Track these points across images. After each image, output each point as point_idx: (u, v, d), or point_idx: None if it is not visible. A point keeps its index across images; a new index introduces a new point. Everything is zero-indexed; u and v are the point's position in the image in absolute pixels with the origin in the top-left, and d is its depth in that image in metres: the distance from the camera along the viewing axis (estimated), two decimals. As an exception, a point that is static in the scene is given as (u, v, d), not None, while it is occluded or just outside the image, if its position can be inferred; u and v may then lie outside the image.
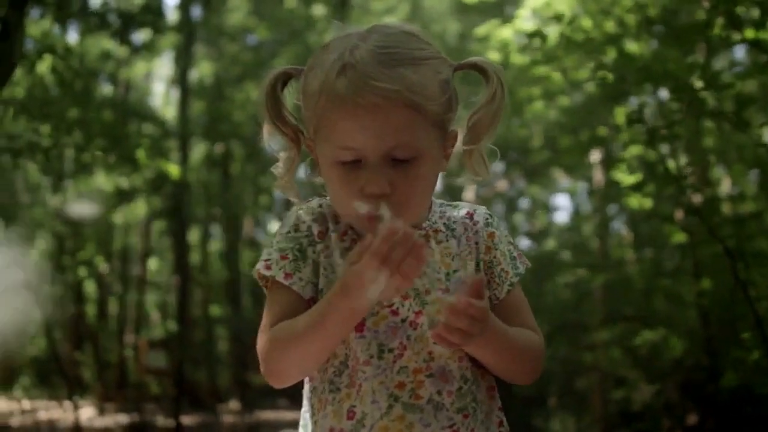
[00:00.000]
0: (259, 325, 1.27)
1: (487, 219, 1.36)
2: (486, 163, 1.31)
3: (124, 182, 12.37)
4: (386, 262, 1.07)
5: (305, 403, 1.31)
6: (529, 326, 1.33)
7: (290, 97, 1.32)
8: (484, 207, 1.39)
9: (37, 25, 8.57)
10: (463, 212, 1.36)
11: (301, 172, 1.38)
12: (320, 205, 1.31)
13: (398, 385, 1.23)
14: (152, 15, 10.44)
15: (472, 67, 1.29)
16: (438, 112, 1.21)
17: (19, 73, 6.87)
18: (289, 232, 1.29)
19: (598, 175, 10.05)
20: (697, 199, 4.41)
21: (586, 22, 4.95)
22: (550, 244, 14.69)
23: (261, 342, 1.24)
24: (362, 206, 1.17)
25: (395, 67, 1.16)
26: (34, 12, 8.08)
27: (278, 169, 1.33)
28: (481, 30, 6.11)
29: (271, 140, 1.32)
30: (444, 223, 1.33)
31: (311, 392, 1.29)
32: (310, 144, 1.30)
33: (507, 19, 6.01)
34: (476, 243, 1.33)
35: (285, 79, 1.31)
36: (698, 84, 3.64)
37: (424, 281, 1.15)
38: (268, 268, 1.27)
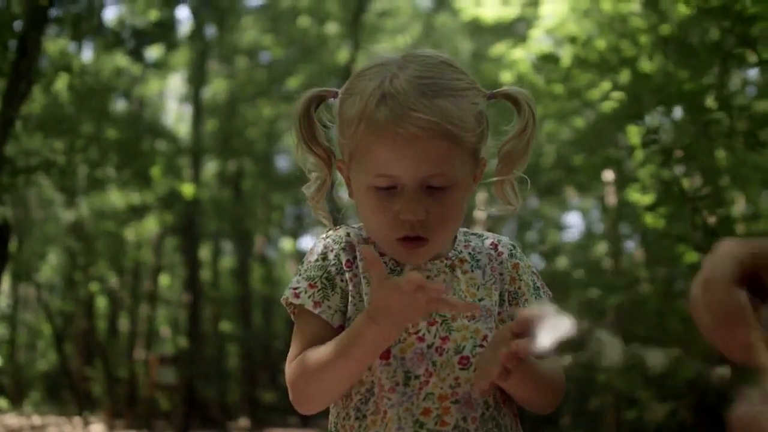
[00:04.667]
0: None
1: (511, 250, 1.37)
2: (517, 192, 1.32)
3: (136, 198, 12.44)
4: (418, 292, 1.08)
5: (331, 429, 1.31)
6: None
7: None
8: (507, 237, 1.41)
9: (54, 43, 8.64)
10: (487, 243, 1.38)
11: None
12: (348, 234, 1.32)
13: (424, 412, 1.23)
14: (165, 30, 10.53)
15: (504, 97, 1.31)
16: (473, 143, 1.23)
17: (35, 89, 6.93)
18: (317, 260, 1.29)
19: (609, 193, 10.02)
20: (711, 219, 4.39)
21: (600, 43, 4.96)
22: (562, 262, 14.64)
23: (289, 370, 1.25)
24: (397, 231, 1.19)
25: (434, 98, 1.18)
26: (51, 30, 8.15)
27: (309, 189, 1.34)
28: (496, 50, 6.14)
29: (302, 160, 1.33)
30: (469, 253, 1.35)
31: (336, 419, 1.30)
32: (342, 166, 1.31)
33: (519, 38, 6.04)
34: (500, 274, 1.34)
35: (319, 101, 1.32)
36: (712, 104, 3.64)
37: None
38: (297, 296, 1.27)
